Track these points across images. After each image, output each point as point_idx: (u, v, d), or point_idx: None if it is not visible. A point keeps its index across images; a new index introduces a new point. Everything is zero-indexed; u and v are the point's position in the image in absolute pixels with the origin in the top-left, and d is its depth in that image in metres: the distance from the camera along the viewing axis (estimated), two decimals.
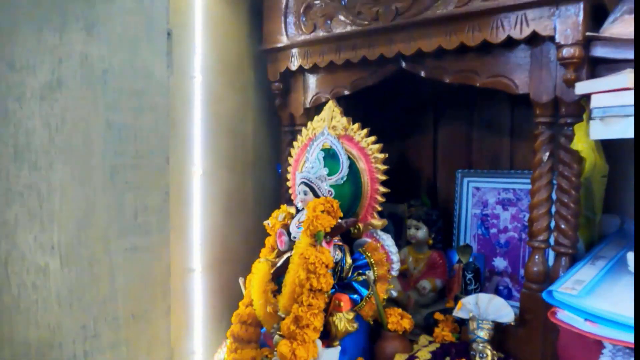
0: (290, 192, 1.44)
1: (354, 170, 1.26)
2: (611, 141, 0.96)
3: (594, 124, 0.92)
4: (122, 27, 1.17)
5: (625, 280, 0.94)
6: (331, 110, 1.34)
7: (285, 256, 1.20)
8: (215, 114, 1.45)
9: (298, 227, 1.21)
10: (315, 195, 1.22)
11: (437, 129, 1.73)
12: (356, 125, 1.30)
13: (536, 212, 1.12)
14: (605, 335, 0.84)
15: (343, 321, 1.12)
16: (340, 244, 1.19)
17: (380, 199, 1.26)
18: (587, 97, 0.96)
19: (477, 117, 1.63)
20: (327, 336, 1.12)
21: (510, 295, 1.44)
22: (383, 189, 1.26)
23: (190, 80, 1.38)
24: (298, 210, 1.29)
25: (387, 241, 1.26)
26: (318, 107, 1.45)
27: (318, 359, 1.05)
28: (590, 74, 1.03)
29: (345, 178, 1.24)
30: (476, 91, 1.21)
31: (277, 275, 1.19)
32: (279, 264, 1.20)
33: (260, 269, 1.20)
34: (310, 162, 1.27)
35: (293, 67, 1.46)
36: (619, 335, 0.82)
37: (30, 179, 1.02)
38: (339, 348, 1.12)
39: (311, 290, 1.06)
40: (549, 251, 1.14)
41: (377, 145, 1.27)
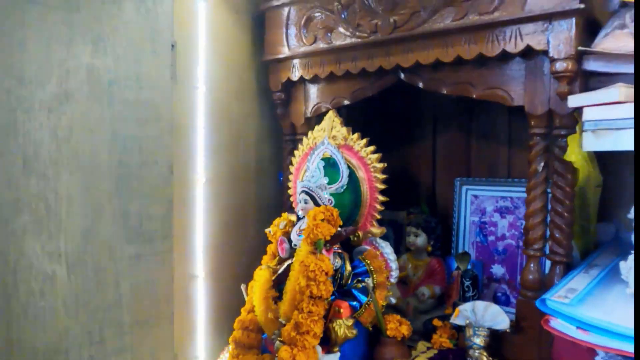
0: (291, 200, 1.45)
1: (353, 180, 1.28)
2: (605, 152, 0.97)
3: (586, 136, 0.94)
4: (128, 40, 1.20)
5: (618, 288, 0.95)
6: (331, 120, 1.36)
7: (286, 263, 1.21)
8: (218, 124, 1.47)
9: (299, 235, 1.23)
10: (316, 204, 1.23)
11: (436, 138, 1.75)
12: (356, 135, 1.32)
13: (531, 221, 1.14)
14: (597, 343, 0.85)
15: (343, 327, 1.12)
16: (340, 251, 1.20)
17: (379, 207, 1.28)
18: (579, 110, 0.97)
19: (476, 127, 1.65)
20: (327, 342, 1.13)
21: (508, 302, 1.45)
22: (382, 197, 1.28)
23: (194, 91, 1.40)
24: (299, 218, 1.30)
25: (386, 249, 1.28)
26: (319, 117, 1.47)
27: None
28: (584, 87, 1.05)
29: (345, 187, 1.26)
30: (474, 101, 1.23)
31: (278, 282, 1.20)
32: (280, 271, 1.21)
33: (262, 275, 1.22)
34: (310, 171, 1.29)
35: (294, 77, 1.49)
36: (611, 343, 0.83)
37: (38, 188, 1.05)
38: (338, 354, 1.13)
39: (311, 297, 1.07)
40: (544, 259, 1.16)
41: (376, 155, 1.29)
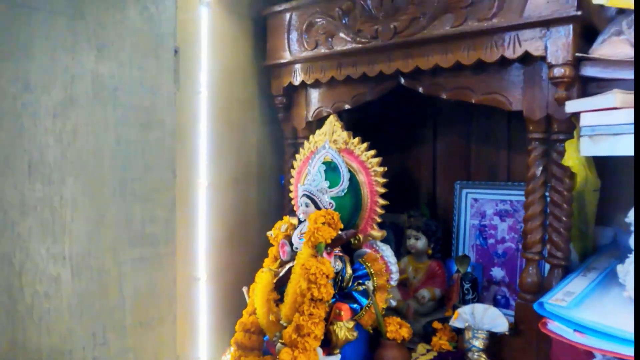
0: (292, 203, 1.47)
1: (354, 183, 1.30)
2: (604, 156, 0.99)
3: (583, 141, 0.96)
4: (131, 46, 1.21)
5: (616, 291, 0.96)
6: (332, 124, 1.37)
7: (287, 266, 1.22)
8: (221, 128, 1.48)
9: (300, 238, 1.24)
10: (317, 207, 1.25)
11: (436, 141, 1.76)
12: (356, 139, 1.34)
13: (530, 225, 1.15)
14: (594, 345, 0.85)
15: (343, 330, 1.14)
16: (341, 254, 1.21)
17: (380, 211, 1.30)
18: (577, 115, 0.99)
19: (475, 131, 1.66)
20: (327, 344, 1.14)
21: (507, 305, 1.46)
22: (382, 201, 1.29)
23: (197, 96, 1.42)
24: (300, 222, 1.31)
25: (387, 252, 1.28)
26: (320, 121, 1.49)
27: None
28: (581, 92, 1.07)
29: (345, 190, 1.27)
30: (474, 105, 1.25)
31: (280, 285, 1.21)
32: (281, 273, 1.23)
33: (264, 278, 1.23)
34: (312, 175, 1.30)
35: (296, 82, 1.50)
36: (608, 346, 0.83)
37: (43, 192, 1.06)
38: (339, 356, 1.14)
39: (312, 300, 1.09)
40: (543, 262, 1.17)
41: (377, 159, 1.30)
